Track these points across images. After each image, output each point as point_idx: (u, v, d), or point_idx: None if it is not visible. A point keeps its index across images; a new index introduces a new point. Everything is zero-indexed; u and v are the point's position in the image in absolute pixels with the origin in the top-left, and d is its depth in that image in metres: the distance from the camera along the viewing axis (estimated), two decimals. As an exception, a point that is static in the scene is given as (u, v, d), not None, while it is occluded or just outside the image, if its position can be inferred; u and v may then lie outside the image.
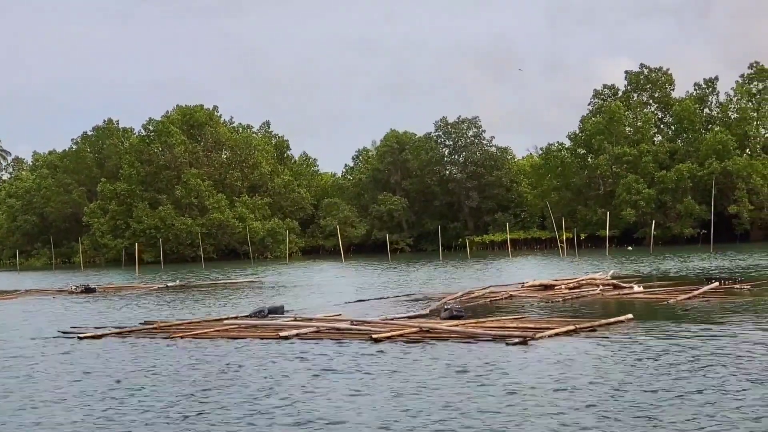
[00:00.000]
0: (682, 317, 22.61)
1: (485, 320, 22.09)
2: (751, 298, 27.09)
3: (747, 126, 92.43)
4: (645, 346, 17.42)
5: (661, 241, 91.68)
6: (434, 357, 16.86)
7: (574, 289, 32.18)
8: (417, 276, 52.10)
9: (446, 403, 12.35)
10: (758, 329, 19.53)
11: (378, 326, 20.94)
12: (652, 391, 12.68)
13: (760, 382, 13.04)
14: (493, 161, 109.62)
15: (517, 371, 14.86)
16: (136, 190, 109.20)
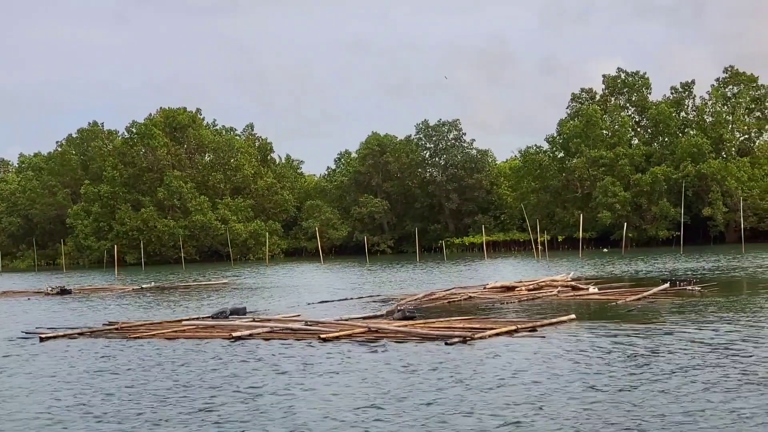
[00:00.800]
0: (625, 317, 23.48)
1: (435, 321, 22.87)
2: (698, 299, 28.02)
3: (722, 129, 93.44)
4: (579, 344, 18.28)
5: (636, 243, 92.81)
6: (375, 356, 17.66)
7: (533, 291, 33.00)
8: (390, 278, 52.94)
9: (375, 400, 13.07)
10: (694, 327, 20.46)
11: (329, 327, 21.76)
12: (578, 387, 13.51)
13: (690, 376, 13.93)
14: (474, 164, 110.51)
15: (449, 369, 15.64)
16: (119, 192, 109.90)
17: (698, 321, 21.95)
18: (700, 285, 32.55)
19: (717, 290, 31.59)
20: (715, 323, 21.29)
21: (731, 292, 31.33)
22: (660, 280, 35.73)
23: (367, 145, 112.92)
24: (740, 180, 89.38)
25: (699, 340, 18.29)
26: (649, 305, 26.74)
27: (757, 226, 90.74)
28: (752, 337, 18.63)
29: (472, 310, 27.54)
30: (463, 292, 32.69)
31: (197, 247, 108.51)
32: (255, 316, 25.44)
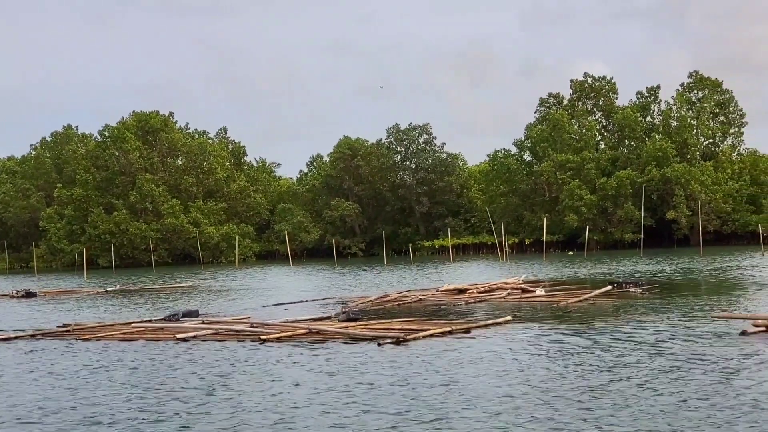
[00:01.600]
0: (561, 318, 24.53)
1: (376, 322, 23.77)
2: (636, 301, 29.07)
3: (686, 134, 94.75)
4: (507, 344, 19.23)
5: (602, 246, 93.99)
6: (302, 357, 18.52)
7: (483, 293, 33.90)
8: (354, 280, 53.84)
9: (300, 398, 13.92)
10: (625, 327, 21.61)
11: (272, 329, 22.62)
12: (499, 384, 14.40)
13: (615, 372, 14.92)
14: (444, 167, 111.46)
15: (375, 369, 16.52)
16: (92, 196, 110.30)
17: (630, 321, 23.05)
18: (643, 287, 33.59)
19: (657, 292, 32.68)
20: (645, 323, 22.38)
21: (670, 293, 32.41)
22: (607, 282, 36.75)
23: (339, 149, 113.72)
24: (704, 184, 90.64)
25: (627, 339, 19.40)
26: (589, 306, 27.76)
27: (720, 229, 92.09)
28: (677, 335, 19.70)
29: (420, 311, 28.43)
30: (414, 295, 33.56)
31: (169, 250, 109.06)
32: (205, 319, 26.18)
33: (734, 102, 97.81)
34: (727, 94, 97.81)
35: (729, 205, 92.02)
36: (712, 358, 16.15)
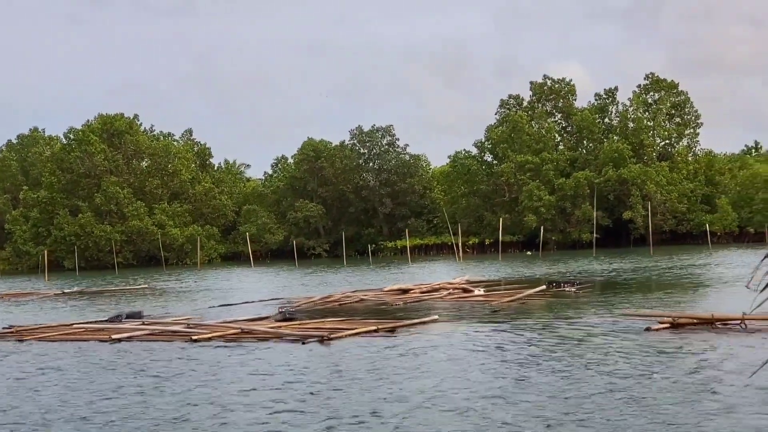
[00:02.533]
0: (487, 317, 25.65)
1: (310, 322, 24.80)
2: (568, 299, 30.27)
3: (642, 135, 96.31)
4: (425, 342, 20.23)
5: (561, 246, 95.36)
6: (233, 355, 19.53)
7: (426, 293, 34.98)
8: (309, 281, 54.84)
9: (217, 396, 14.86)
10: (540, 323, 22.95)
11: (207, 329, 23.58)
12: (407, 379, 15.33)
13: (533, 367, 15.96)
14: (406, 168, 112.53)
15: (294, 366, 17.55)
16: (57, 198, 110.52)
17: (550, 318, 24.33)
18: (577, 286, 34.79)
19: (590, 291, 33.92)
20: (564, 320, 23.70)
21: (602, 292, 33.73)
22: (546, 281, 37.94)
23: (303, 151, 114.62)
24: (659, 184, 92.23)
25: (541, 335, 20.74)
26: (520, 305, 28.90)
27: (676, 229, 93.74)
28: (587, 331, 21.03)
29: (360, 311, 29.44)
30: (356, 295, 34.58)
31: (134, 252, 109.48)
32: (146, 320, 27.07)
33: (690, 103, 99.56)
34: (682, 95, 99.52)
35: (684, 205, 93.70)
36: (612, 352, 17.48)
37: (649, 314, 22.64)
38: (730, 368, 15.06)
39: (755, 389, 13.08)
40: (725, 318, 21.15)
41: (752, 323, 20.42)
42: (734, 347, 17.49)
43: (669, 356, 16.68)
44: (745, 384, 13.42)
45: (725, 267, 47.98)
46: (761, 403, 12.25)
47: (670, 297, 30.95)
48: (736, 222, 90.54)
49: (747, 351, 17.00)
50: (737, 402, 12.36)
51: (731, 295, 30.27)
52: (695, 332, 19.99)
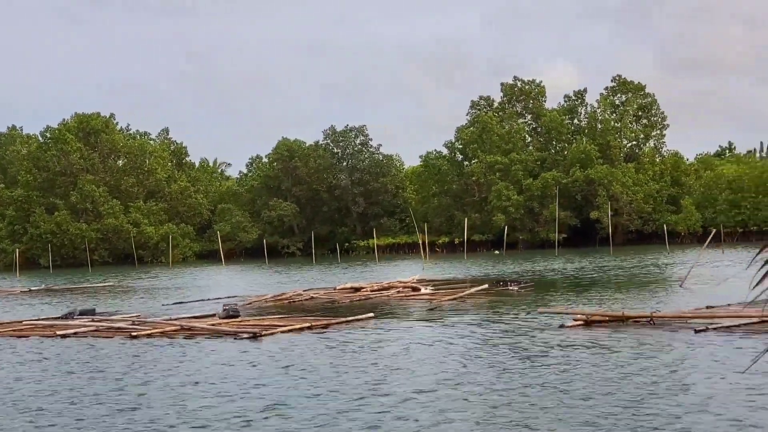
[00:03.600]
0: (422, 314, 26.87)
1: (251, 319, 25.96)
2: (507, 297, 31.53)
3: (609, 136, 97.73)
4: (356, 338, 21.41)
5: (527, 245, 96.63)
6: (166, 351, 20.67)
7: (376, 291, 36.17)
8: (273, 279, 56.06)
9: (139, 390, 16.10)
10: (469, 319, 24.42)
11: (148, 326, 24.70)
12: (332, 376, 16.31)
13: (457, 361, 17.11)
14: (379, 168, 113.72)
15: (221, 362, 18.76)
16: (33, 196, 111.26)
17: (481, 315, 25.72)
18: (520, 285, 36.06)
19: (532, 289, 35.19)
20: (492, 316, 25.12)
21: (543, 290, 35.08)
22: (495, 281, 39.23)
23: (277, 151, 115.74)
24: (625, 185, 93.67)
25: (465, 330, 22.12)
26: (459, 303, 30.14)
27: (642, 229, 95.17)
28: (509, 326, 22.44)
29: (307, 308, 30.62)
30: (307, 293, 35.76)
31: (110, 250, 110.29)
32: (95, 317, 28.16)
33: (656, 105, 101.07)
34: (649, 97, 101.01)
35: (650, 206, 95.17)
36: (524, 345, 18.92)
37: (565, 312, 23.92)
38: (634, 361, 16.38)
39: (662, 377, 14.39)
40: (635, 316, 22.48)
41: (659, 320, 21.77)
42: (640, 341, 18.80)
43: (576, 350, 17.99)
44: (653, 376, 14.71)
45: (677, 267, 49.29)
46: (665, 390, 13.48)
47: (609, 295, 32.21)
48: (700, 222, 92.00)
49: (654, 344, 18.31)
50: (637, 388, 13.61)
51: (669, 294, 31.62)
52: (606, 328, 21.19)
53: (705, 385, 13.71)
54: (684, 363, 15.84)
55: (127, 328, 24.36)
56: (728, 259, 53.92)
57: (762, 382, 13.57)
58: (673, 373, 14.83)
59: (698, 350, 17.32)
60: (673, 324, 21.28)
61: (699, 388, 13.40)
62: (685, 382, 14.01)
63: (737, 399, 12.59)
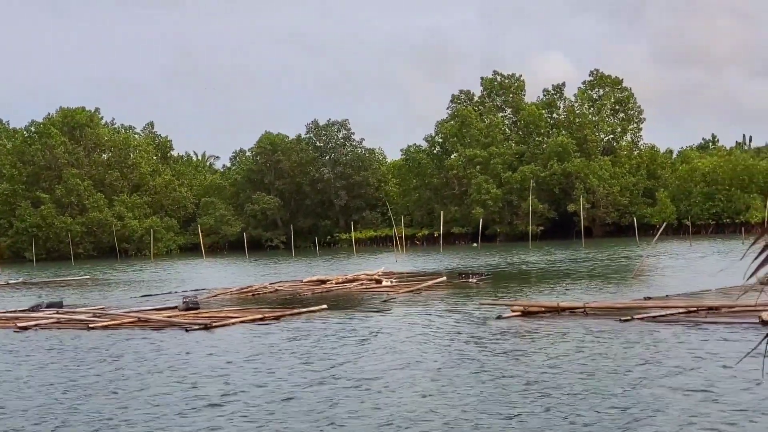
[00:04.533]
0: (374, 306, 27.94)
1: (209, 311, 26.98)
2: (463, 289, 32.63)
3: (586, 130, 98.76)
4: (304, 329, 22.44)
5: (507, 238, 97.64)
6: (121, 342, 21.72)
7: (340, 284, 37.21)
8: (248, 272, 57.21)
9: (91, 380, 17.14)
10: (416, 311, 25.58)
11: (111, 317, 25.77)
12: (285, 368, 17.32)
13: (398, 351, 18.08)
14: (361, 162, 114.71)
15: (167, 351, 19.81)
16: (19, 190, 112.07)
17: (430, 306, 26.76)
18: (478, 277, 37.13)
19: (490, 282, 36.30)
20: (440, 307, 26.33)
21: (502, 282, 36.27)
22: (457, 273, 40.34)
23: (260, 144, 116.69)
24: (601, 178, 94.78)
25: (409, 321, 23.23)
26: (415, 296, 31.24)
27: (619, 221, 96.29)
28: (452, 317, 23.72)
29: (269, 300, 31.70)
30: (271, 286, 36.80)
31: (95, 244, 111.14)
32: (59, 309, 29.14)
33: (633, 99, 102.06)
34: (626, 91, 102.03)
35: (626, 198, 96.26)
36: (457, 335, 20.10)
37: (505, 303, 25.04)
38: (564, 346, 17.60)
39: (593, 361, 15.48)
40: (569, 306, 23.61)
41: (592, 310, 22.88)
42: (573, 329, 19.98)
43: (505, 337, 19.23)
44: (582, 365, 15.82)
45: (656, 260, 50.23)
46: (576, 373, 14.57)
47: (564, 286, 33.47)
48: (675, 215, 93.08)
49: (578, 333, 19.45)
50: (552, 370, 14.71)
51: (621, 285, 32.76)
52: (541, 319, 22.29)
53: (609, 369, 14.89)
54: (598, 349, 17.04)
55: (86, 320, 25.38)
56: (695, 252, 55.09)
57: (675, 366, 14.71)
58: (584, 358, 16.03)
59: (617, 338, 18.48)
60: (603, 314, 22.35)
61: (601, 374, 14.53)
62: (590, 366, 15.18)
63: (640, 381, 13.70)
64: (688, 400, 12.26)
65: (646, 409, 11.80)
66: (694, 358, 15.46)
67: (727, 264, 40.24)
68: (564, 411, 11.91)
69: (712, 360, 15.18)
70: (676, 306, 22.55)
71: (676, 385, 13.25)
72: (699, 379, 13.58)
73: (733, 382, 13.26)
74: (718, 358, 15.33)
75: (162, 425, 12.39)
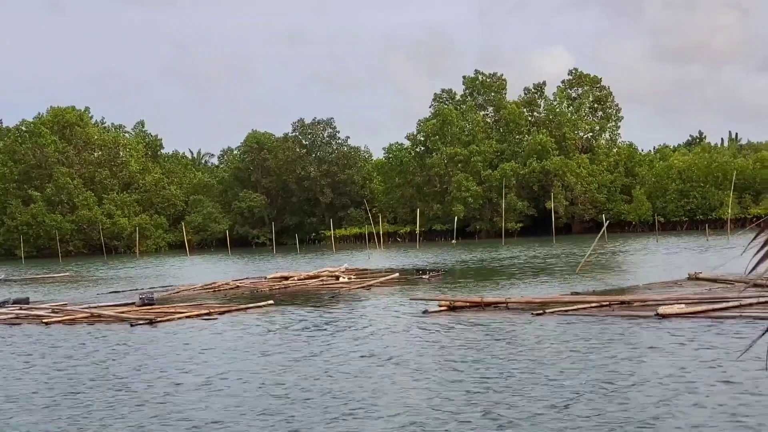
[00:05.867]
0: (317, 301, 29.58)
1: (163, 306, 28.56)
2: (412, 285, 34.21)
3: (565, 128, 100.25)
4: (247, 323, 24.02)
5: (488, 235, 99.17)
6: (69, 335, 23.32)
7: (301, 280, 38.77)
8: (227, 268, 58.77)
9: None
10: (355, 305, 27.43)
11: (66, 313, 27.34)
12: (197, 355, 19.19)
13: (333, 344, 19.46)
14: (346, 160, 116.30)
15: (110, 345, 21.47)
16: (10, 189, 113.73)
17: (368, 301, 28.36)
18: (430, 274, 38.74)
19: (441, 277, 37.91)
20: (376, 302, 28.02)
21: (455, 277, 38.12)
22: (414, 270, 41.98)
23: (247, 143, 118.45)
24: (579, 175, 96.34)
25: (344, 315, 24.99)
26: (363, 291, 32.85)
27: (596, 218, 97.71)
28: (383, 311, 25.51)
29: (228, 296, 33.31)
30: (233, 283, 38.36)
31: (85, 241, 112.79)
32: (26, 305, 30.75)
33: (611, 97, 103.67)
34: (604, 90, 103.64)
35: (603, 195, 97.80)
36: (381, 328, 21.65)
37: (434, 298, 26.64)
38: (488, 337, 19.16)
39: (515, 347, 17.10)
40: (493, 301, 25.22)
41: (514, 305, 24.50)
42: (481, 322, 21.58)
43: (425, 331, 20.80)
44: (509, 353, 17.42)
45: (607, 255, 51.71)
46: (487, 360, 16.18)
47: (511, 281, 35.10)
48: (650, 212, 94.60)
49: (492, 325, 21.04)
50: (461, 358, 16.33)
51: (562, 280, 34.27)
52: (466, 313, 23.86)
53: (512, 355, 16.51)
54: (504, 339, 18.73)
55: (42, 316, 26.96)
56: (659, 248, 56.68)
57: (540, 353, 16.37)
58: (492, 347, 17.70)
59: (526, 329, 20.17)
60: (522, 308, 23.94)
61: (505, 361, 16.05)
62: (476, 354, 16.81)
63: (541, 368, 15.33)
64: (543, 383, 13.90)
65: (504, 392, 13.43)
66: (561, 347, 17.20)
67: (664, 260, 42.05)
68: (434, 388, 13.59)
69: (573, 349, 16.84)
70: (589, 301, 24.16)
71: (536, 370, 14.87)
72: (552, 368, 15.17)
73: (578, 371, 14.88)
74: (588, 347, 16.97)
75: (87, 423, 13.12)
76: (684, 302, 22.19)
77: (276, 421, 12.25)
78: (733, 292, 24.52)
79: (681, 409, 11.65)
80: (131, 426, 12.41)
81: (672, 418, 11.24)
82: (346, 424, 11.85)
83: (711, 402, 11.94)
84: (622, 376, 13.91)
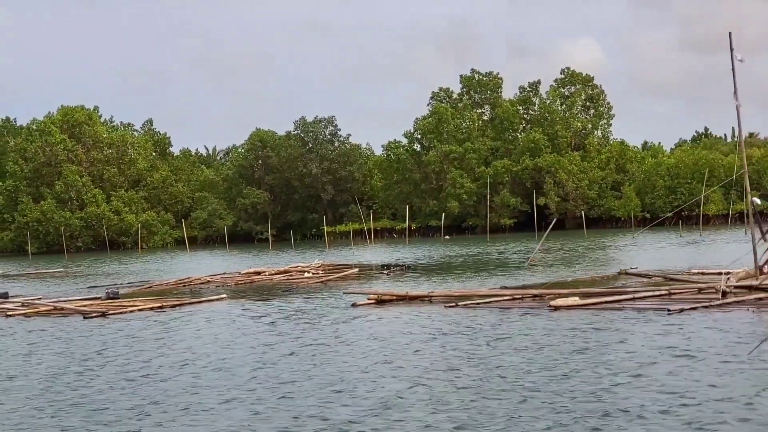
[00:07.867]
0: (271, 295, 31.84)
1: (126, 300, 30.95)
2: (370, 280, 36.45)
3: (557, 126, 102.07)
4: (201, 316, 26.02)
5: (481, 231, 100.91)
6: (23, 328, 25.69)
7: (273, 275, 41.08)
8: (219, 263, 60.94)
9: None
10: (305, 298, 29.68)
11: (33, 306, 29.76)
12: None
13: (247, 335, 21.65)
14: (347, 157, 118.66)
15: (68, 340, 23.84)
16: (21, 186, 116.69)
17: (312, 294, 30.68)
18: (394, 269, 40.99)
19: (401, 272, 40.08)
20: (322, 294, 30.52)
21: (418, 272, 40.32)
22: (381, 266, 44.23)
23: (251, 141, 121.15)
24: (571, 172, 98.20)
25: (283, 308, 27.04)
26: (322, 285, 35.17)
27: (588, 213, 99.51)
28: (320, 303, 27.76)
29: (193, 292, 35.60)
30: (204, 278, 40.66)
31: (93, 237, 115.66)
32: (3, 299, 33.18)
33: (603, 95, 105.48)
34: (597, 88, 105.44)
35: (594, 192, 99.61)
36: (306, 321, 23.67)
37: (364, 292, 28.87)
38: (385, 327, 21.38)
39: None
40: (417, 295, 27.41)
41: (436, 298, 26.67)
42: (400, 314, 23.84)
43: (345, 323, 22.80)
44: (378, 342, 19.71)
45: (580, 250, 53.62)
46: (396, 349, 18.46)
47: (467, 275, 37.26)
48: (639, 207, 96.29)
49: (408, 316, 23.24)
50: (369, 348, 18.63)
51: (508, 274, 36.39)
52: (391, 305, 26.04)
53: (418, 345, 18.42)
54: (402, 330, 20.72)
55: (7, 309, 29.36)
56: (632, 243, 58.67)
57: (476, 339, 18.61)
58: (400, 336, 19.81)
59: (436, 319, 22.27)
60: (442, 301, 26.10)
61: (406, 351, 17.90)
62: (404, 342, 18.88)
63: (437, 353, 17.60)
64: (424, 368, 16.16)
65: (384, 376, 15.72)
66: (437, 334, 19.48)
67: (617, 255, 44.02)
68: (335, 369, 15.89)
69: (464, 337, 19.02)
70: (503, 294, 26.33)
71: (428, 355, 17.14)
72: (438, 353, 17.41)
73: (432, 355, 17.12)
74: (479, 334, 19.18)
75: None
76: (578, 295, 24.35)
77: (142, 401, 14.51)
78: (643, 287, 26.73)
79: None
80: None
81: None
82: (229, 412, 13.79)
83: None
84: (470, 362, 16.02)
